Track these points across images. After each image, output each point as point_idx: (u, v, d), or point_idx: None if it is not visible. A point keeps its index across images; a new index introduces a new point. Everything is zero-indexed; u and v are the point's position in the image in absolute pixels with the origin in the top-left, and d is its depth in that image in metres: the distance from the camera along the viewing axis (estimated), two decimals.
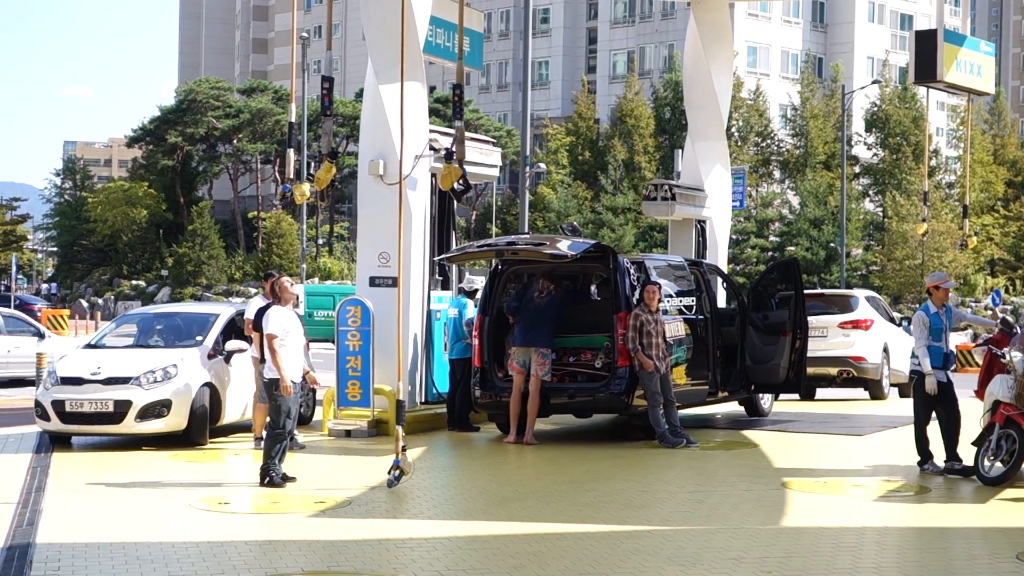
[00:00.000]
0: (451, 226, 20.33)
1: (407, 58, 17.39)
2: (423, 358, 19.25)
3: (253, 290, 20.68)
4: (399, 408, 14.26)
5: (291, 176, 19.06)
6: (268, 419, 14.01)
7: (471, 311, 18.85)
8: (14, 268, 65.95)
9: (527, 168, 40.00)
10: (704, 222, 25.70)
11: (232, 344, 17.60)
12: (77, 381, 16.73)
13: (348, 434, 18.09)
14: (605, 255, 18.12)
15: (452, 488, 14.72)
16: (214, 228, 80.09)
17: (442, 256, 19.38)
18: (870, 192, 78.83)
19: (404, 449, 13.68)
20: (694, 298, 19.47)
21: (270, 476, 13.69)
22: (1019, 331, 14.82)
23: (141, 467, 15.31)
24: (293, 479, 13.91)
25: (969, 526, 12.14)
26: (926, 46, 26.11)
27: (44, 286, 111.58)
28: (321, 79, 18.54)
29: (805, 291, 20.60)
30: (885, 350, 25.15)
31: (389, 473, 13.58)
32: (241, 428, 18.48)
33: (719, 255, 25.82)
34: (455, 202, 19.87)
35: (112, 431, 16.86)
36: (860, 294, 26.54)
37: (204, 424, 17.11)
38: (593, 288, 19.18)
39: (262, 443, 16.71)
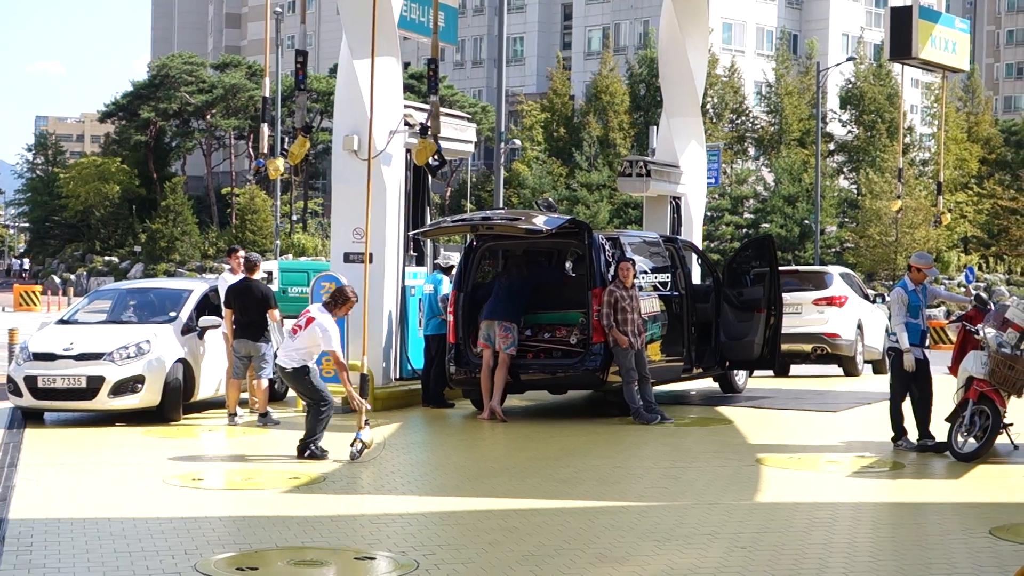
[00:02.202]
0: (426, 202, 20.29)
1: (381, 33, 17.35)
2: (398, 334, 19.22)
3: (227, 266, 20.67)
4: (363, 382, 14.53)
5: (265, 151, 19.01)
6: (310, 401, 14.01)
7: (446, 287, 18.83)
8: None
9: (502, 144, 39.94)
10: (679, 199, 25.71)
11: (206, 320, 17.55)
12: (49, 357, 16.64)
13: None
14: (580, 231, 18.11)
15: (427, 464, 14.71)
16: (187, 204, 79.73)
17: (416, 231, 19.33)
18: (844, 169, 78.97)
19: (367, 423, 13.87)
20: (669, 274, 19.47)
21: (311, 450, 13.82)
22: (992, 308, 14.88)
23: (114, 443, 15.27)
24: (326, 452, 14.06)
25: (942, 502, 12.20)
26: (901, 23, 26.18)
27: (15, 262, 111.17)
28: (295, 54, 18.48)
29: (780, 268, 20.63)
30: (859, 327, 25.23)
31: (352, 446, 13.72)
32: (215, 404, 18.43)
33: (694, 231, 25.85)
34: (430, 177, 19.82)
35: (85, 407, 16.79)
36: (834, 271, 26.60)
37: (178, 400, 17.06)
38: (568, 264, 19.17)
39: (235, 420, 16.77)
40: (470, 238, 19.20)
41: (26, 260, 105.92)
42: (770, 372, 23.35)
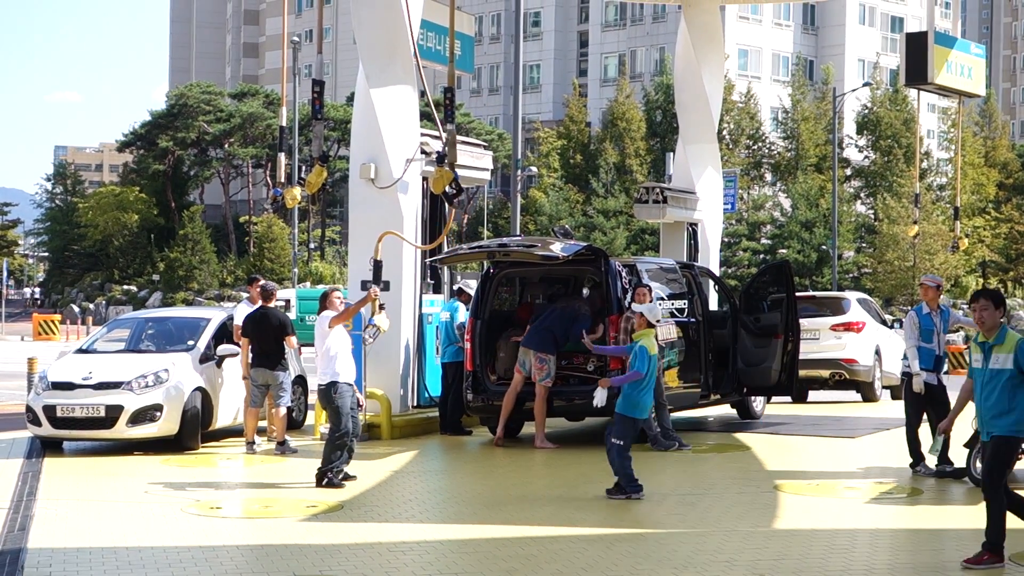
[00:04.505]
0: (442, 230, 20.31)
1: (397, 62, 17.44)
2: (415, 362, 19.23)
3: (244, 295, 20.77)
4: (377, 267, 16.24)
5: (282, 180, 19.09)
6: (328, 425, 14.17)
7: (463, 315, 18.84)
8: (5, 273, 65.93)
9: (518, 171, 40.00)
10: (695, 225, 25.71)
11: (224, 348, 17.59)
12: (68, 386, 16.69)
13: None
14: (597, 258, 18.12)
15: (444, 492, 14.70)
16: (205, 233, 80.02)
17: (433, 258, 19.37)
18: (861, 194, 78.95)
19: (382, 307, 15.15)
20: (686, 301, 19.46)
21: (328, 478, 13.82)
22: None
23: (133, 472, 15.29)
24: (354, 477, 14.10)
25: (961, 527, 12.14)
26: (917, 48, 26.15)
27: (27, 291, 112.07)
28: (312, 83, 18.56)
29: (797, 293, 20.60)
30: (877, 352, 25.14)
31: (365, 331, 14.94)
32: (233, 432, 18.45)
33: (711, 258, 25.84)
34: (447, 205, 19.86)
35: (104, 436, 16.82)
36: (852, 296, 26.52)
37: (196, 428, 17.09)
38: (585, 291, 19.17)
39: (253, 448, 16.77)
40: (487, 265, 19.22)
41: (38, 289, 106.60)
42: (788, 398, 23.29)
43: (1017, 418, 10.10)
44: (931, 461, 14.50)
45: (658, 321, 14.01)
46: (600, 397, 13.83)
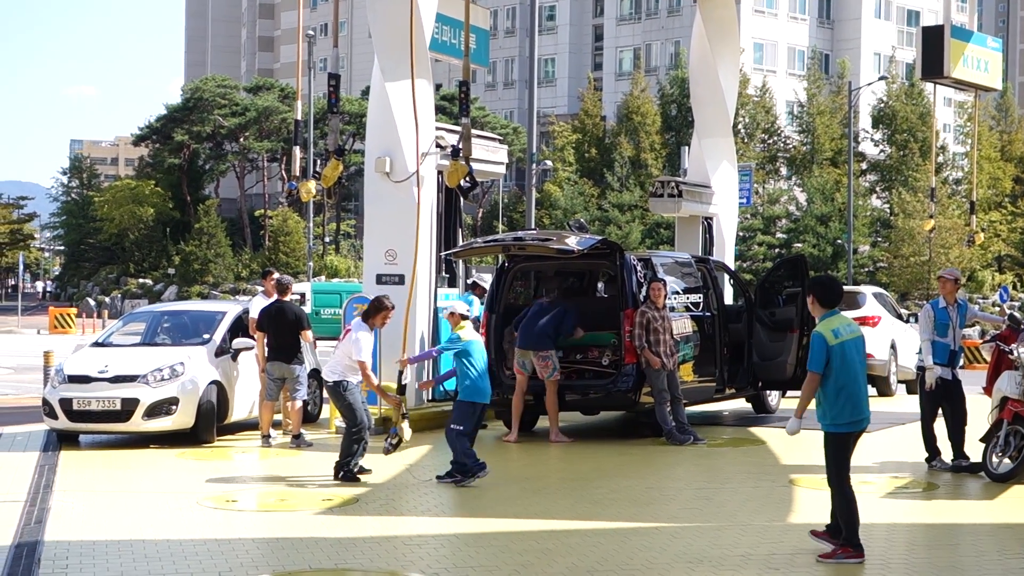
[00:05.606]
0: (457, 223, 20.32)
1: (413, 55, 17.42)
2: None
3: (260, 288, 20.81)
4: (401, 378, 15.20)
5: (297, 174, 19.14)
6: (343, 420, 14.25)
7: (478, 308, 18.83)
8: (21, 267, 66.15)
9: (533, 165, 40.00)
10: (711, 219, 25.67)
11: (239, 342, 17.62)
12: (84, 379, 16.74)
13: None
14: (612, 252, 18.11)
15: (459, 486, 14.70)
16: (221, 226, 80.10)
17: (449, 251, 19.37)
18: (877, 189, 78.71)
19: (405, 416, 14.36)
20: (701, 295, 19.45)
21: (344, 471, 13.90)
22: None
23: (148, 465, 15.33)
24: (369, 471, 14.16)
25: (977, 522, 12.12)
26: (933, 42, 26.03)
27: (39, 284, 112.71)
28: (328, 77, 18.59)
29: None
30: (892, 347, 25.08)
31: (386, 440, 14.22)
32: (248, 426, 18.49)
33: (726, 252, 25.79)
34: (461, 199, 19.86)
35: (119, 429, 16.87)
36: (867, 291, 26.45)
37: (211, 422, 17.12)
38: (600, 285, 19.14)
39: (268, 441, 16.80)
40: (502, 259, 19.22)
41: (50, 283, 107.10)
42: None
43: (823, 411, 10.41)
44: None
45: (468, 311, 14.50)
46: (406, 375, 15.23)
